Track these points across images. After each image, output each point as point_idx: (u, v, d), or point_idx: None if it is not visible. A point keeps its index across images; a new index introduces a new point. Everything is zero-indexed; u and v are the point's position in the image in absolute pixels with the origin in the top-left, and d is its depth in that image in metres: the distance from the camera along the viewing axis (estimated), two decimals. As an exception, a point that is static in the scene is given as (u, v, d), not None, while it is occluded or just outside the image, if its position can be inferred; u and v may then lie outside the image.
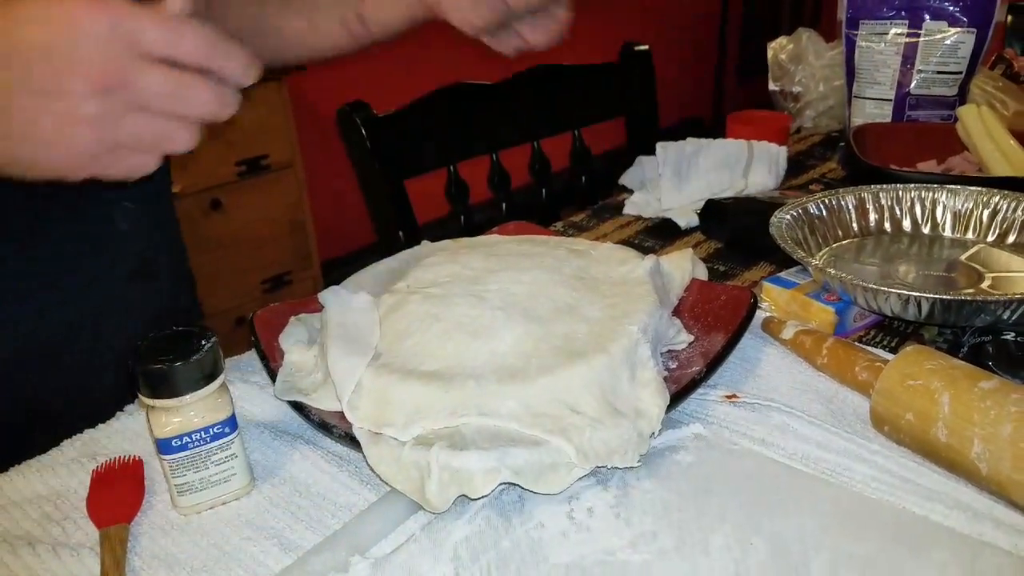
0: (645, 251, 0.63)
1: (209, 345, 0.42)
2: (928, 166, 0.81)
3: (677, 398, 0.45)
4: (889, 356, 0.47)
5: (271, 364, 0.51)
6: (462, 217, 1.07)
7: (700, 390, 0.48)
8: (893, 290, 0.50)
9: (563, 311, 0.49)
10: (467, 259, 0.57)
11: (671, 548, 0.38)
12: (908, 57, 0.82)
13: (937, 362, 0.43)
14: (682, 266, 0.59)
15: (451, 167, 1.05)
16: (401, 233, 0.98)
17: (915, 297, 0.50)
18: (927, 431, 0.42)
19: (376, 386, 0.45)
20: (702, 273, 0.60)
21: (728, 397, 0.48)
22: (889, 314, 0.53)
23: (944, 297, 0.49)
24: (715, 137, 0.84)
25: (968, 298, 0.48)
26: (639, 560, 0.38)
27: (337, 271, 2.38)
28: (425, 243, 0.64)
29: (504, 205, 1.11)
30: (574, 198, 1.19)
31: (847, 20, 0.85)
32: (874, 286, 0.51)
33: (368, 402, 0.45)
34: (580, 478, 0.41)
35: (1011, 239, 0.63)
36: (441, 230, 0.95)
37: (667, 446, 0.45)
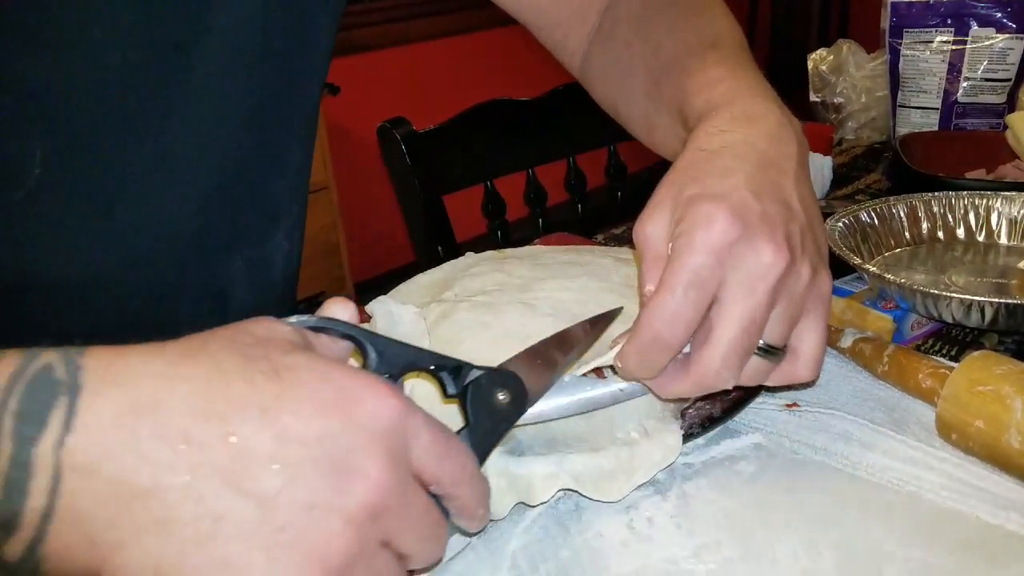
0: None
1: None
2: (977, 174, 0.79)
3: (737, 406, 0.44)
4: (953, 364, 0.46)
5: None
6: (499, 233, 1.07)
7: (759, 399, 0.46)
8: (955, 295, 0.49)
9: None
10: (513, 268, 0.56)
11: (736, 558, 0.37)
12: (955, 65, 0.81)
13: (1006, 367, 0.42)
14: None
15: (488, 183, 1.06)
16: (440, 248, 0.99)
17: (979, 302, 0.48)
18: (999, 438, 0.40)
19: (429, 392, 0.45)
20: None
21: (788, 406, 0.47)
22: (950, 321, 0.51)
23: (1010, 302, 0.47)
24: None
25: (1036, 302, 0.47)
26: (704, 570, 0.37)
27: (370, 293, 2.39)
28: (469, 254, 0.64)
29: (540, 221, 1.12)
30: (610, 215, 1.18)
31: (891, 29, 0.84)
32: (935, 291, 0.49)
33: (423, 408, 0.44)
34: (639, 486, 0.40)
35: (1072, 245, 0.61)
36: (478, 246, 0.95)
37: (727, 456, 0.44)
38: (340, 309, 0.33)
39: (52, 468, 0.24)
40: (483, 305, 0.51)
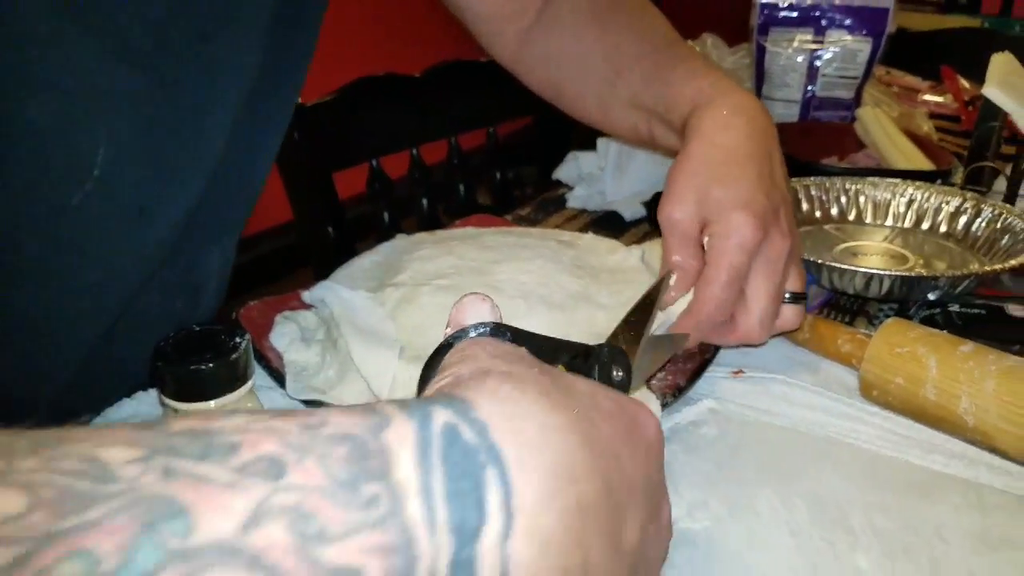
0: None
1: (244, 343, 0.40)
2: (831, 161, 0.90)
3: (696, 375, 0.48)
4: (865, 332, 0.52)
5: (270, 364, 0.49)
6: (386, 214, 1.05)
7: (709, 368, 0.50)
8: (861, 269, 0.55)
9: (577, 298, 0.51)
10: (462, 251, 0.56)
11: (726, 515, 0.41)
12: (813, 62, 0.91)
13: (918, 331, 0.49)
14: (659, 255, 0.61)
15: (374, 161, 1.03)
16: (331, 229, 0.95)
17: (879, 275, 0.55)
18: (916, 393, 0.47)
19: (410, 378, 0.44)
20: (673, 260, 0.64)
21: (735, 373, 0.51)
22: (850, 291, 0.58)
23: (906, 275, 0.55)
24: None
25: (927, 275, 0.55)
26: (700, 528, 0.40)
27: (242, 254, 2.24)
28: (400, 235, 0.63)
29: (425, 202, 1.11)
30: (481, 189, 1.20)
31: (759, 26, 0.92)
32: (841, 266, 0.56)
33: (404, 396, 0.44)
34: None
35: (925, 225, 0.72)
36: (364, 226, 0.92)
37: (689, 421, 0.48)
38: (487, 309, 0.31)
39: (499, 566, 0.20)
40: (447, 289, 0.50)
